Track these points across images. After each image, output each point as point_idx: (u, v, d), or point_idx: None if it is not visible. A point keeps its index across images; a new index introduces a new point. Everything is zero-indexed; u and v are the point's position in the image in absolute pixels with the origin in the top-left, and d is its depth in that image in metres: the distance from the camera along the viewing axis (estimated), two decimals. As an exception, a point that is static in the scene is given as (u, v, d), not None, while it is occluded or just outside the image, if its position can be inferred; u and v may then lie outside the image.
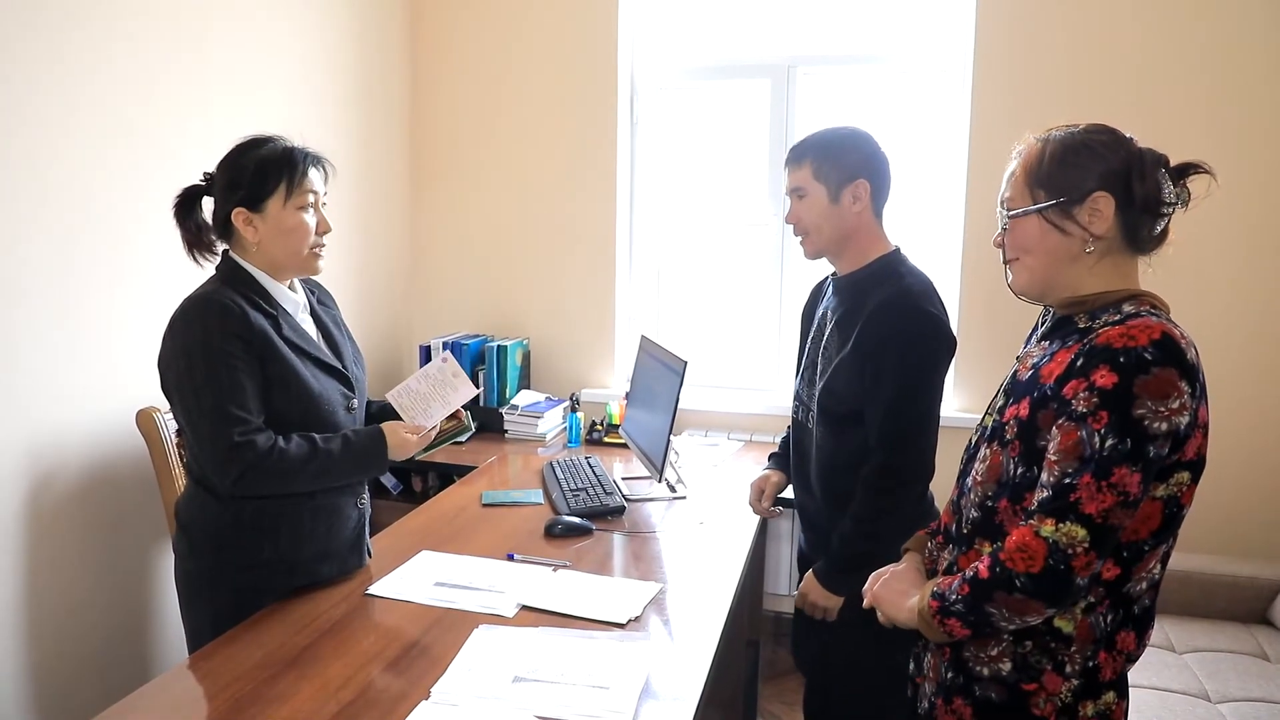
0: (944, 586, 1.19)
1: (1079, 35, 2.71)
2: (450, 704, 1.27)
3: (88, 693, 2.04)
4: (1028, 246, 1.22)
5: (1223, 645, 2.24)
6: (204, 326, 1.51)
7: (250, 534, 1.58)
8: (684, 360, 2.18)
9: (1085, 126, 1.22)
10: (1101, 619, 1.16)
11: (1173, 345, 1.08)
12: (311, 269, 1.66)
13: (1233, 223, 2.66)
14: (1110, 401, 1.07)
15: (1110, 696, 1.19)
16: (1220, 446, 2.69)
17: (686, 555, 1.91)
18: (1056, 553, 1.07)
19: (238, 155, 1.62)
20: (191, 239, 1.65)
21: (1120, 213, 1.18)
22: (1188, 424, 1.08)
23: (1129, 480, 1.06)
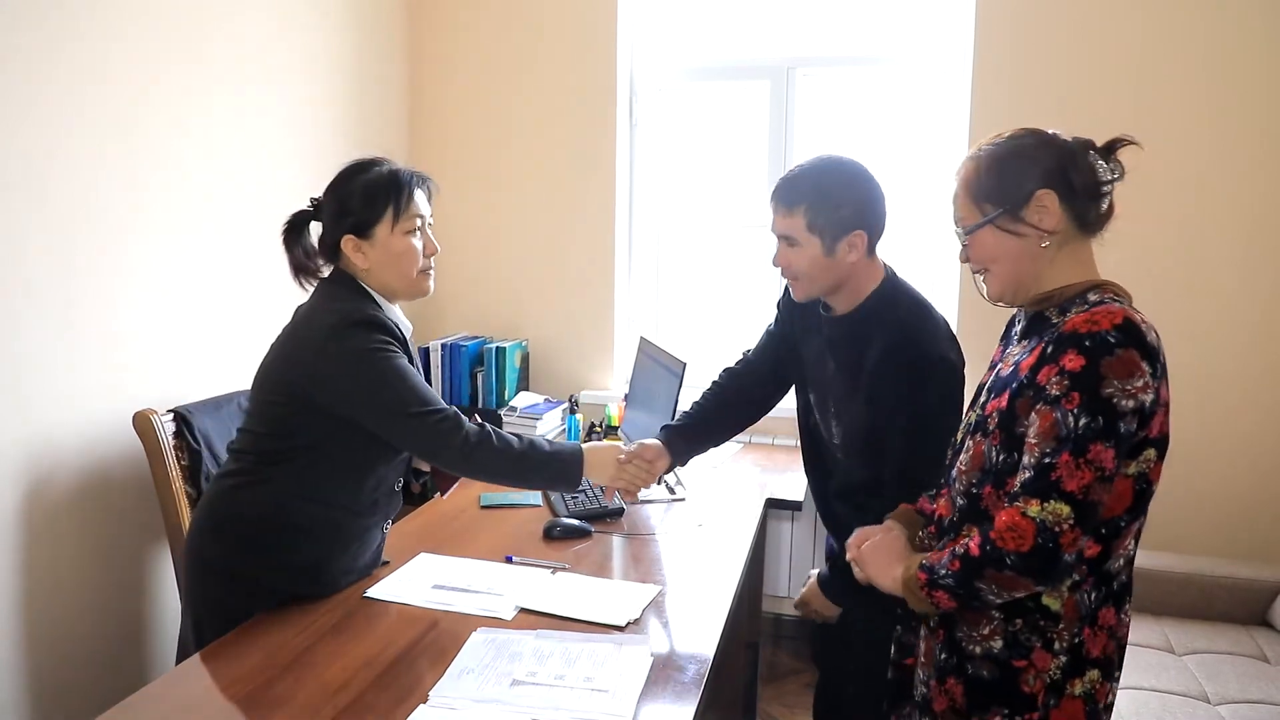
0: (933, 560, 1.24)
1: (1078, 36, 2.71)
2: (449, 707, 1.27)
3: (85, 696, 2.03)
4: (990, 257, 1.29)
5: (1222, 647, 2.24)
6: (370, 335, 1.54)
7: (293, 537, 1.58)
8: (683, 362, 2.18)
9: (1010, 134, 1.29)
10: (1086, 596, 1.21)
11: (1134, 328, 1.14)
12: (422, 290, 1.68)
13: (1233, 222, 2.66)
14: (1080, 383, 1.13)
15: (1095, 675, 1.22)
16: (1220, 448, 2.73)
17: (685, 557, 1.91)
18: (1044, 531, 1.11)
19: (344, 181, 1.62)
20: (299, 264, 1.66)
21: (1065, 204, 1.25)
22: (1152, 401, 1.14)
23: (1104, 456, 1.12)
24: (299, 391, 1.56)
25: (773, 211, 1.70)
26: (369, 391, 1.53)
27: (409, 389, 1.54)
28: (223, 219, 2.41)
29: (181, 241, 2.28)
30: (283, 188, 2.59)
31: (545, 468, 1.65)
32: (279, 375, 1.60)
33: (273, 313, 2.56)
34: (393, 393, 1.53)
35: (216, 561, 1.61)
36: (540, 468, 1.65)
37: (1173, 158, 2.68)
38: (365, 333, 1.54)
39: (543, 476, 1.69)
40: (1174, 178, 2.69)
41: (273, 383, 1.61)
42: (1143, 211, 2.72)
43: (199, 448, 2.09)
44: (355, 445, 1.57)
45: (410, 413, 1.54)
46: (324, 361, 1.53)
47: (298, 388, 1.56)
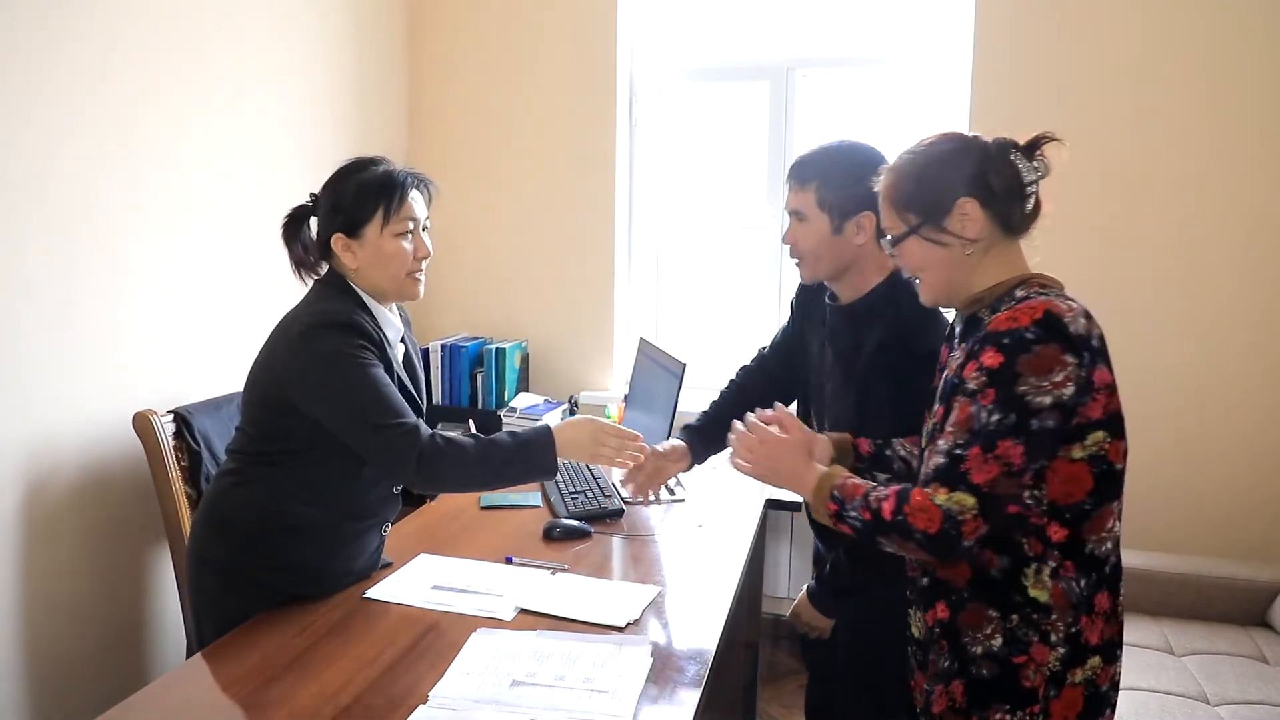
0: (845, 494, 1.27)
1: (1078, 36, 2.71)
2: (448, 708, 1.27)
3: (85, 696, 2.03)
4: (918, 266, 1.31)
5: (1221, 648, 2.24)
6: (346, 341, 1.52)
7: (288, 538, 1.58)
8: (683, 362, 2.18)
9: (931, 140, 1.30)
10: (1074, 584, 1.22)
11: (1054, 321, 1.16)
12: (411, 294, 1.65)
13: (1233, 222, 2.67)
14: (996, 379, 1.16)
15: (1096, 661, 1.24)
16: (1220, 448, 2.73)
17: (685, 558, 1.91)
18: (949, 519, 1.16)
19: (339, 179, 1.61)
20: (299, 259, 1.65)
21: (987, 209, 1.26)
22: (1075, 392, 1.16)
23: (1012, 452, 1.15)
24: (277, 394, 1.56)
25: (787, 190, 1.72)
26: (331, 397, 1.51)
27: (371, 401, 1.49)
28: (222, 219, 2.41)
29: (181, 241, 2.28)
30: (282, 188, 2.58)
31: (512, 463, 1.57)
32: (260, 377, 1.60)
33: (273, 313, 2.54)
34: (354, 402, 1.49)
35: (215, 561, 1.61)
36: (507, 465, 1.56)
37: (1172, 158, 2.68)
38: (337, 335, 1.52)
39: (513, 472, 1.59)
40: (1174, 178, 2.69)
41: (256, 384, 1.61)
42: (1143, 211, 2.73)
43: (199, 448, 2.09)
44: (343, 448, 1.56)
45: (368, 425, 1.49)
46: (295, 362, 1.53)
47: (276, 389, 1.56)
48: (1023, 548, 1.22)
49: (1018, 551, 1.22)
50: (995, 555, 1.23)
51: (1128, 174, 2.72)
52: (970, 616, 1.27)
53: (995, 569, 1.24)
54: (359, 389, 1.50)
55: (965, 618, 1.27)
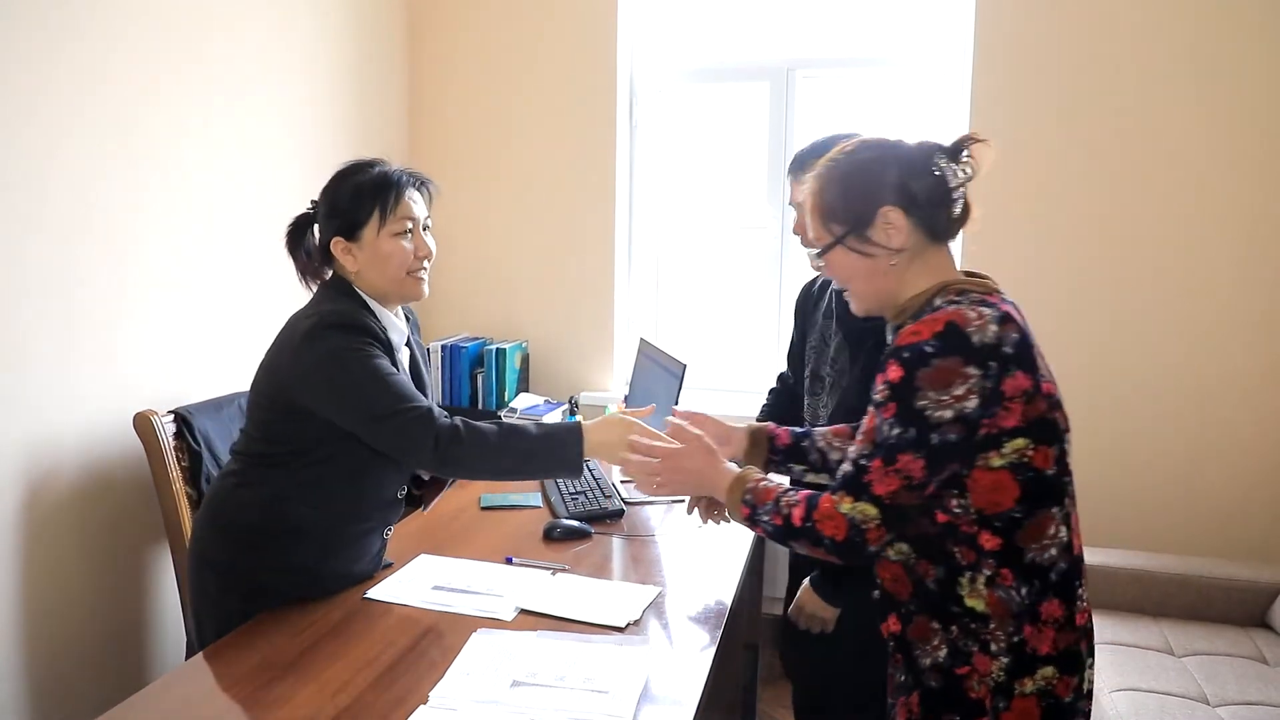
0: (758, 499, 1.29)
1: (1078, 37, 2.71)
2: (448, 708, 1.27)
3: (85, 696, 2.03)
4: (846, 276, 1.30)
5: (1221, 648, 2.24)
6: (350, 339, 1.51)
7: (289, 540, 1.58)
8: (683, 363, 2.18)
9: (853, 147, 1.28)
10: (1013, 592, 1.19)
11: (955, 333, 1.14)
12: (414, 294, 1.64)
13: (1232, 222, 2.67)
14: (896, 393, 1.16)
15: (1049, 671, 1.20)
16: (1219, 449, 2.73)
17: (685, 558, 1.91)
18: (853, 527, 1.18)
19: (336, 183, 1.61)
20: (304, 267, 1.65)
21: (911, 216, 1.24)
22: (978, 405, 1.14)
23: (913, 466, 1.16)
24: (282, 396, 1.56)
25: (791, 183, 1.76)
26: (340, 393, 1.51)
27: (380, 390, 1.49)
28: (223, 219, 2.41)
29: (181, 242, 2.28)
30: (283, 188, 2.59)
31: (535, 454, 1.52)
32: (265, 379, 1.60)
33: (273, 313, 2.56)
34: (363, 394, 1.49)
35: (215, 561, 1.61)
36: (530, 454, 1.52)
37: (1172, 158, 2.69)
38: (340, 334, 1.51)
39: (536, 463, 1.55)
40: (1174, 177, 2.69)
41: (261, 387, 1.61)
42: (1142, 211, 2.73)
43: (199, 448, 2.09)
44: (346, 451, 1.56)
45: (379, 414, 1.49)
46: (299, 364, 1.52)
47: (280, 392, 1.56)
48: (956, 557, 1.21)
49: (951, 561, 1.21)
50: (931, 566, 1.23)
51: (1127, 174, 2.72)
52: (918, 629, 1.26)
53: (931, 580, 1.23)
54: (367, 381, 1.50)
55: (914, 631, 1.27)
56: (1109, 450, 2.78)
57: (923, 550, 1.23)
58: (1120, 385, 2.77)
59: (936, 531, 1.20)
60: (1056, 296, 2.79)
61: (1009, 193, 2.76)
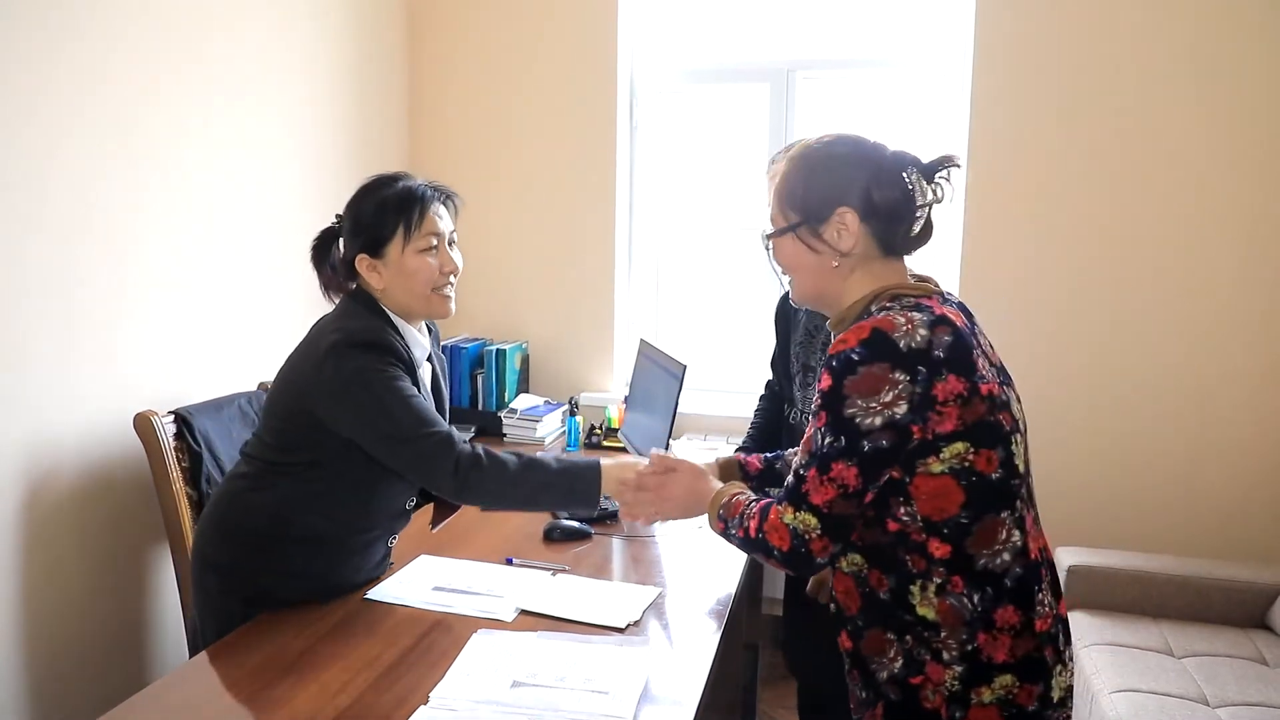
0: (729, 513, 1.30)
1: (1078, 39, 2.71)
2: (449, 709, 1.27)
3: (85, 697, 2.03)
4: (791, 265, 1.29)
5: (1221, 650, 2.24)
6: (369, 357, 1.50)
7: (295, 547, 1.58)
8: (683, 364, 2.18)
9: (830, 139, 1.26)
10: (964, 600, 1.16)
11: (881, 340, 1.13)
12: (441, 311, 1.63)
13: (1232, 223, 2.67)
14: (826, 402, 1.16)
15: (1008, 679, 1.17)
16: (1219, 449, 2.73)
17: (685, 559, 1.91)
18: (796, 538, 1.19)
19: (359, 199, 1.60)
20: (328, 281, 1.64)
21: (866, 224, 1.22)
22: (907, 411, 1.13)
23: (846, 474, 1.15)
24: (299, 407, 1.55)
25: None
26: (362, 414, 1.50)
27: (403, 413, 1.48)
28: (223, 219, 2.41)
29: (182, 242, 2.28)
30: (283, 189, 2.59)
31: (553, 487, 1.53)
32: (282, 390, 1.60)
33: (273, 313, 2.56)
34: (385, 417, 1.48)
35: (218, 563, 1.61)
36: (547, 487, 1.53)
37: (1172, 158, 2.69)
38: (364, 354, 1.51)
39: (552, 496, 1.56)
40: (1174, 178, 2.69)
41: (279, 396, 1.61)
42: (1142, 212, 2.73)
43: (200, 449, 2.09)
44: (358, 464, 1.55)
45: (400, 438, 1.49)
46: (322, 380, 1.51)
47: (298, 404, 1.55)
48: (906, 565, 1.19)
49: (902, 569, 1.19)
50: (883, 575, 1.21)
51: (1128, 175, 2.72)
52: (871, 644, 1.24)
53: (884, 591, 1.21)
54: (389, 404, 1.49)
55: (866, 646, 1.25)
56: (1109, 450, 2.78)
57: (875, 560, 1.21)
58: (1120, 385, 2.78)
59: (889, 540, 1.19)
60: (1056, 296, 2.79)
61: (1009, 193, 2.76)
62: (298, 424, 1.56)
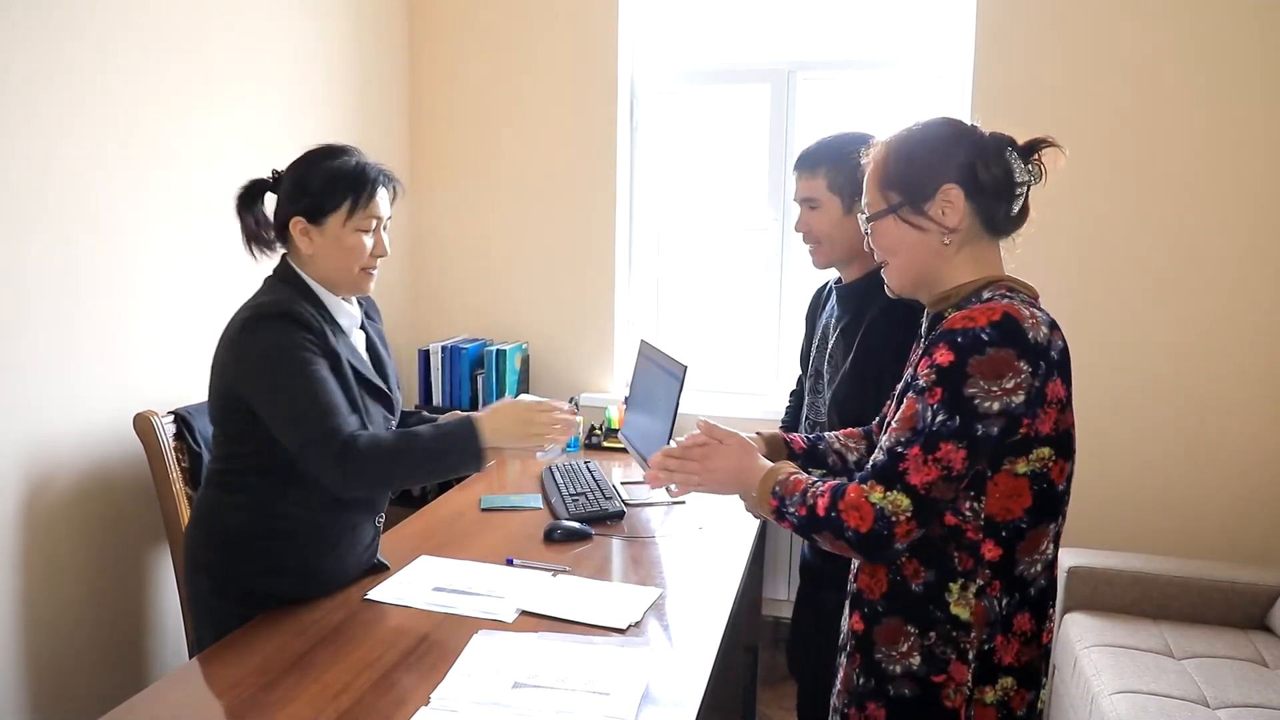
0: (787, 491, 1.22)
1: (1078, 39, 2.71)
2: (450, 710, 1.27)
3: (84, 698, 2.03)
4: (891, 248, 1.26)
5: (1221, 651, 2.24)
6: (286, 332, 1.50)
7: (276, 538, 1.57)
8: (684, 365, 2.18)
9: (926, 122, 1.25)
10: (996, 602, 1.17)
11: (1012, 325, 1.11)
12: (361, 289, 1.63)
13: (1232, 224, 2.67)
14: (944, 378, 1.11)
15: (1009, 682, 1.19)
16: (1219, 451, 2.73)
17: (686, 560, 1.91)
18: (882, 519, 1.12)
19: (309, 163, 1.60)
20: (251, 233, 1.62)
21: (971, 201, 1.20)
22: (1023, 402, 1.11)
23: (954, 456, 1.11)
24: (228, 394, 1.55)
25: (796, 181, 1.78)
26: (266, 393, 1.50)
27: (298, 397, 1.47)
28: (223, 220, 2.39)
29: (182, 242, 2.28)
30: (283, 189, 2.59)
31: (434, 455, 1.51)
32: (213, 378, 1.59)
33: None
34: (282, 402, 1.48)
35: (207, 565, 1.61)
36: (428, 457, 1.51)
37: (1172, 159, 2.69)
38: (270, 327, 1.49)
39: (436, 465, 1.54)
40: (1174, 179, 2.70)
41: (212, 387, 1.60)
42: (1142, 213, 2.73)
43: (199, 449, 2.09)
44: None
45: (292, 428, 1.48)
46: (234, 358, 1.52)
47: (227, 389, 1.55)
48: (952, 562, 1.17)
49: (946, 565, 1.18)
50: (922, 568, 1.19)
51: (1128, 176, 2.72)
52: (886, 632, 1.23)
53: (918, 583, 1.20)
54: (289, 386, 1.48)
55: (881, 633, 1.23)
56: (1109, 452, 2.78)
57: (916, 550, 1.19)
58: (1120, 386, 2.78)
59: (939, 534, 1.17)
60: (1056, 297, 2.75)
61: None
62: (237, 412, 1.55)
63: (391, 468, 1.50)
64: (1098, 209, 2.75)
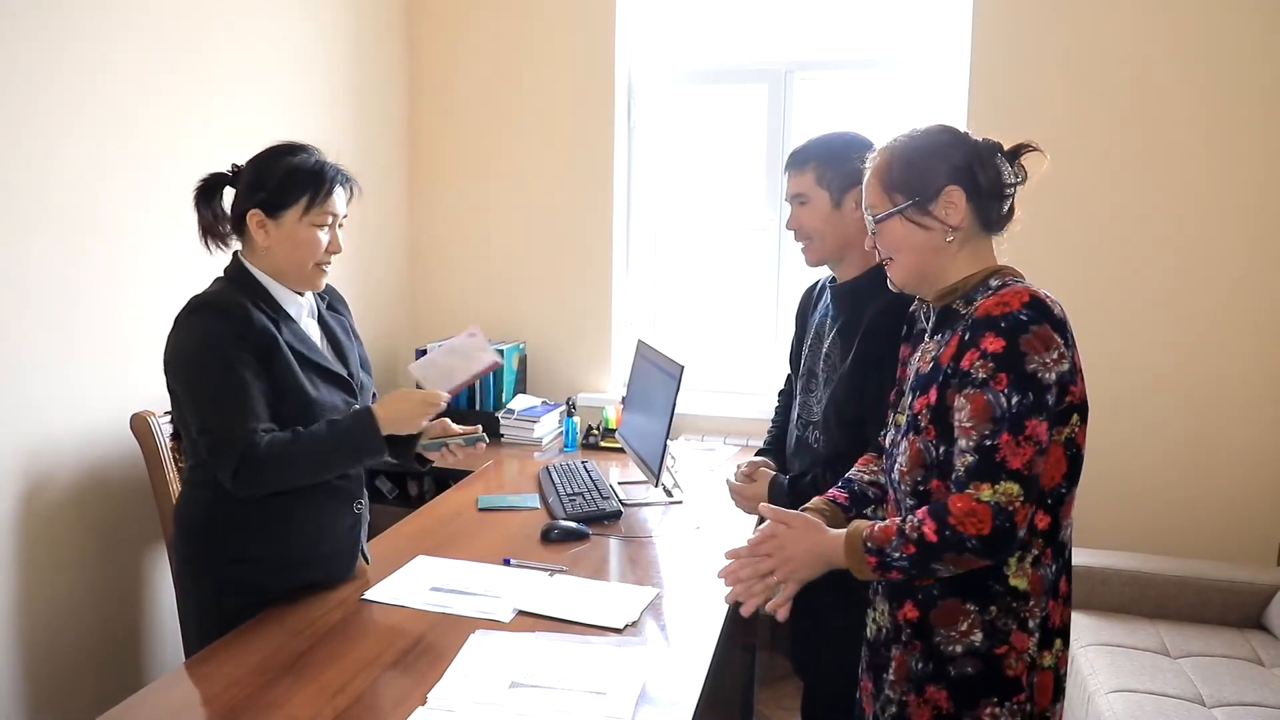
0: (879, 541, 1.22)
1: (1074, 40, 2.72)
2: (447, 709, 1.27)
3: (82, 698, 2.03)
4: (897, 246, 1.32)
5: (1217, 650, 2.25)
6: (207, 327, 1.52)
7: (240, 528, 1.58)
8: (681, 365, 2.18)
9: (925, 129, 1.33)
10: (1048, 569, 1.25)
11: (1041, 304, 1.20)
12: (313, 284, 1.66)
13: (1231, 225, 2.67)
14: (1005, 362, 1.17)
15: (1058, 644, 1.27)
16: (1216, 451, 2.74)
17: (683, 560, 1.91)
18: (1000, 513, 1.15)
19: (268, 158, 1.63)
20: (207, 226, 1.65)
21: (971, 201, 1.28)
22: (1068, 370, 1.19)
23: (1039, 430, 1.17)
24: (169, 385, 1.58)
25: (786, 179, 1.80)
26: (182, 387, 1.54)
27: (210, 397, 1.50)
28: (221, 220, 2.41)
29: (181, 242, 2.27)
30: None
31: (337, 450, 1.54)
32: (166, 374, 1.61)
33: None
34: (195, 399, 1.52)
35: (186, 561, 1.64)
36: (331, 452, 1.54)
37: (1171, 160, 2.69)
38: (199, 321, 1.52)
39: (339, 459, 1.57)
40: (1173, 179, 2.70)
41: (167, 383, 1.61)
42: (1141, 213, 2.74)
43: (196, 449, 2.09)
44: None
45: (200, 425, 1.51)
46: (168, 349, 1.56)
47: (168, 381, 1.58)
48: None
49: None
50: None
51: (1126, 176, 2.73)
52: (944, 614, 1.26)
53: None
54: (205, 387, 1.51)
55: (938, 615, 1.26)
56: (1107, 452, 2.77)
57: None
58: (1118, 386, 2.78)
59: None
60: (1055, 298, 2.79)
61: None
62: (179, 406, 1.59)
63: (292, 467, 1.52)
64: (1096, 210, 2.75)
